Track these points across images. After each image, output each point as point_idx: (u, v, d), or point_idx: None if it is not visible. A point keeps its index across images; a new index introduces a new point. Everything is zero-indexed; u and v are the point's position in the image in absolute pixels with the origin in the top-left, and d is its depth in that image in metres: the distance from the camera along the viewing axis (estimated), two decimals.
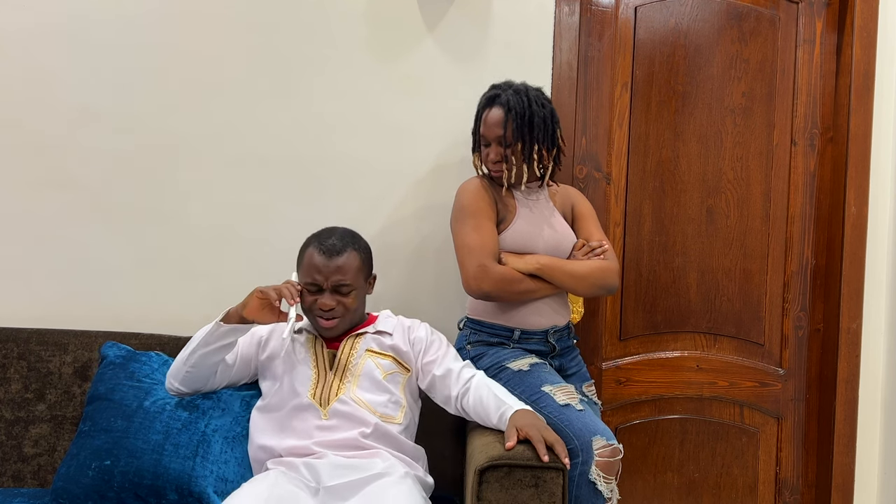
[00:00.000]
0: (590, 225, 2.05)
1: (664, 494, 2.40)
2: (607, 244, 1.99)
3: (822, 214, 2.42)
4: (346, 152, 2.23)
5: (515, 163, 1.92)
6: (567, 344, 2.03)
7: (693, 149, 2.38)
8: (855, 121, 2.33)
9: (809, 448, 2.44)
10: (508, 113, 1.89)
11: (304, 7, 2.22)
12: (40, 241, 2.17)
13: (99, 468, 1.71)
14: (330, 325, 1.82)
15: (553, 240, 1.96)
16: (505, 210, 1.95)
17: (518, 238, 1.93)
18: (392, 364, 1.85)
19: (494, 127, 1.91)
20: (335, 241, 1.82)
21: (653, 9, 2.36)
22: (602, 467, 1.69)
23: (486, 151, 1.96)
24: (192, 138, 2.20)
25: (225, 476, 1.73)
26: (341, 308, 1.81)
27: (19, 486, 1.95)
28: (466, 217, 1.90)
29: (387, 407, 1.80)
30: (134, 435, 1.74)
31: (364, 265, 1.86)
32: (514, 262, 1.89)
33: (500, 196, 1.97)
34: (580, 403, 1.78)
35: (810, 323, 2.43)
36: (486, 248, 1.86)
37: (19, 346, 2.03)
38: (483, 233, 1.88)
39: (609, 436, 1.73)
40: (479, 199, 1.92)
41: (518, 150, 1.91)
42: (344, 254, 1.80)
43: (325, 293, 1.80)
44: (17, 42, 2.16)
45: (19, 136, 2.17)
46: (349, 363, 1.83)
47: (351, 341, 1.87)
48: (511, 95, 1.91)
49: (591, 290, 1.97)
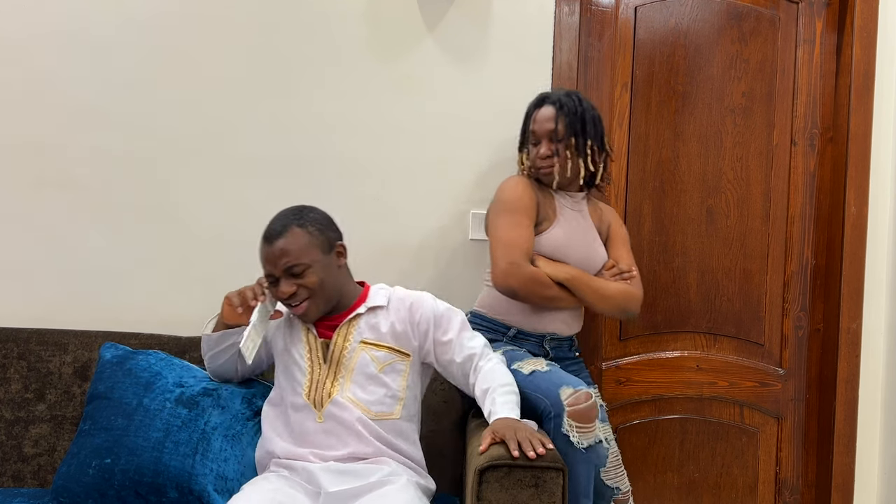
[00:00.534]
0: (622, 249, 2.08)
1: (664, 494, 2.40)
2: (636, 271, 2.02)
3: (822, 214, 2.42)
4: (346, 152, 2.23)
5: (570, 157, 1.93)
6: (565, 355, 2.03)
7: (693, 149, 2.38)
8: (855, 121, 2.33)
9: (809, 448, 2.44)
10: (560, 109, 1.93)
11: (304, 7, 2.22)
12: (40, 241, 2.17)
13: (99, 466, 1.71)
14: (300, 312, 1.73)
15: (586, 254, 1.98)
16: (545, 213, 1.96)
17: (553, 244, 1.94)
18: (388, 355, 1.77)
19: (546, 122, 1.94)
20: (275, 224, 1.72)
21: (653, 9, 2.36)
22: (575, 417, 1.68)
23: (535, 149, 1.97)
24: (191, 138, 2.20)
25: (224, 474, 1.73)
26: (304, 291, 1.71)
27: (19, 486, 1.95)
28: (506, 212, 1.91)
29: (382, 404, 1.74)
30: (134, 433, 1.74)
31: (317, 238, 1.72)
32: (546, 267, 1.90)
33: (544, 198, 1.98)
34: (547, 366, 1.80)
35: (810, 323, 2.43)
36: (520, 245, 1.87)
37: (19, 346, 2.02)
38: (520, 230, 1.88)
39: (576, 384, 1.73)
40: (522, 196, 1.92)
41: (571, 144, 1.93)
42: (284, 234, 1.69)
43: (281, 280, 1.71)
44: (17, 42, 2.16)
45: (19, 136, 2.16)
46: (343, 356, 1.75)
47: (344, 330, 1.77)
48: (562, 96, 1.96)
49: (612, 310, 2.01)
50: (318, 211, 1.78)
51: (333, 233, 1.78)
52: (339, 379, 1.75)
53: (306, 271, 1.70)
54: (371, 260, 2.22)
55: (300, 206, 1.78)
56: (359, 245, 2.23)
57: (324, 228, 1.75)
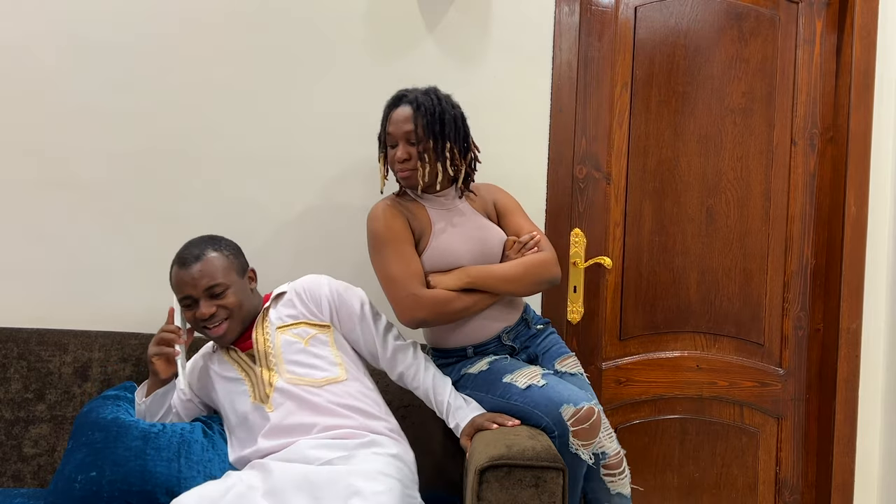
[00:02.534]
0: (517, 218, 1.95)
1: (664, 494, 2.40)
2: (539, 234, 1.89)
3: (822, 214, 2.42)
4: (345, 152, 2.23)
5: (429, 160, 1.82)
6: (528, 334, 1.94)
7: (693, 149, 2.38)
8: (855, 121, 2.33)
9: (809, 448, 2.44)
10: (417, 110, 1.81)
11: (304, 7, 2.22)
12: (40, 241, 2.17)
13: (85, 480, 1.69)
14: (220, 332, 1.79)
15: (478, 245, 1.86)
16: (420, 228, 1.86)
17: (440, 254, 1.83)
18: (307, 329, 1.82)
19: (402, 123, 1.82)
20: (191, 249, 1.80)
21: (653, 9, 2.36)
22: (580, 435, 1.66)
23: (392, 152, 1.85)
24: (192, 138, 2.20)
25: (212, 474, 1.72)
26: (223, 311, 1.78)
27: (19, 486, 1.95)
28: (384, 246, 1.81)
29: (323, 370, 1.77)
30: (114, 443, 1.72)
31: (232, 262, 1.81)
32: (443, 281, 1.80)
33: (413, 214, 1.87)
34: (542, 378, 1.74)
35: (810, 323, 2.43)
36: (411, 275, 1.78)
37: (19, 346, 2.03)
38: (405, 259, 1.79)
39: (577, 399, 1.68)
40: (392, 224, 1.82)
41: (430, 147, 1.82)
42: (202, 258, 1.77)
43: (200, 302, 1.76)
44: (17, 42, 2.16)
45: (19, 136, 2.16)
46: (267, 349, 1.80)
47: (259, 329, 1.83)
48: (419, 94, 1.85)
49: (530, 288, 1.87)
50: (227, 239, 1.88)
51: (244, 259, 1.88)
52: (274, 368, 1.78)
53: (226, 291, 1.78)
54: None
55: (210, 235, 1.87)
56: (359, 244, 2.23)
57: (237, 254, 1.85)
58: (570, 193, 2.30)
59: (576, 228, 2.32)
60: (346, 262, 2.21)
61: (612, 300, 2.39)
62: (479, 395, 1.80)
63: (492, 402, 1.78)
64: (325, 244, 2.22)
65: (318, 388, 1.75)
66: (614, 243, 2.37)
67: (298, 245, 2.18)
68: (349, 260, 2.21)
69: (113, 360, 2.03)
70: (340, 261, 2.21)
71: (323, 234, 2.23)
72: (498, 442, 1.61)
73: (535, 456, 1.54)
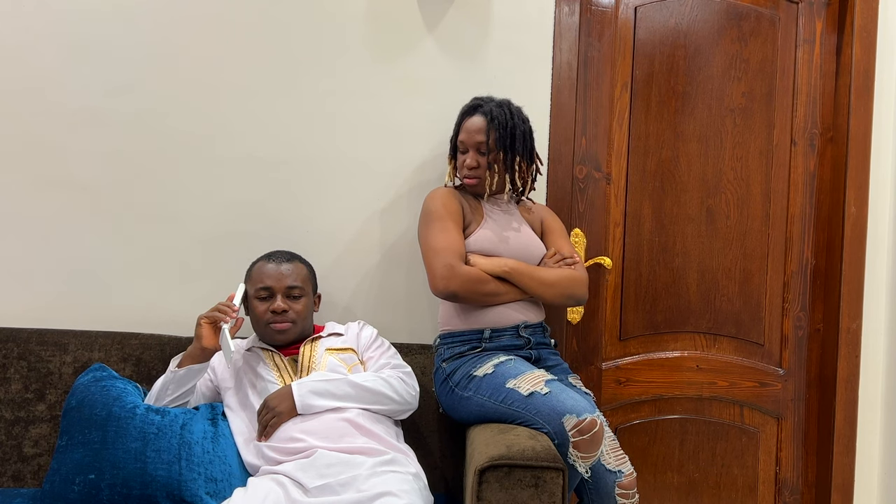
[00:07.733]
0: (560, 239, 2.05)
1: (664, 494, 2.40)
2: (578, 258, 1.99)
3: (822, 214, 2.42)
4: (346, 152, 2.23)
5: (497, 171, 1.93)
6: (542, 340, 1.99)
7: (693, 149, 2.38)
8: (855, 121, 2.33)
9: (809, 448, 2.44)
10: (491, 122, 1.92)
11: (305, 7, 2.22)
12: (40, 241, 2.17)
13: (84, 482, 1.68)
14: (283, 328, 1.88)
15: (520, 246, 1.95)
16: (472, 216, 1.95)
17: (484, 242, 1.92)
18: (353, 356, 1.92)
19: (475, 133, 1.93)
20: (282, 252, 1.97)
21: (653, 9, 2.36)
22: (580, 447, 1.66)
23: (462, 158, 1.96)
24: (192, 138, 2.20)
25: (213, 476, 1.71)
26: (292, 313, 1.89)
27: (19, 486, 1.95)
28: (435, 220, 1.90)
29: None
30: (112, 444, 1.71)
31: (311, 279, 1.98)
32: (483, 263, 1.88)
33: (469, 203, 1.97)
34: (546, 385, 1.73)
35: (810, 323, 2.43)
36: (452, 249, 1.85)
37: (19, 346, 2.03)
38: (449, 234, 1.87)
39: (580, 410, 1.66)
40: (445, 203, 1.92)
41: (500, 158, 1.92)
42: (293, 262, 1.95)
43: (278, 296, 1.89)
44: (17, 42, 2.16)
45: (19, 136, 2.16)
46: (312, 363, 1.87)
47: (309, 345, 1.92)
48: (494, 107, 1.94)
49: (558, 298, 1.94)
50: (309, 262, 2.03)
51: (316, 283, 2.02)
52: None
53: (301, 297, 1.92)
54: (371, 260, 2.22)
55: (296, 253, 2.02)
56: (358, 244, 2.23)
57: (314, 275, 2.01)
58: (570, 193, 2.30)
59: (576, 228, 2.32)
60: (346, 262, 2.21)
61: (612, 300, 2.39)
62: (482, 399, 1.80)
63: (494, 407, 1.78)
64: (326, 244, 2.22)
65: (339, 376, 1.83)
66: (614, 243, 2.37)
67: (299, 244, 2.18)
68: (349, 260, 2.22)
69: (113, 360, 2.03)
70: (341, 260, 2.21)
71: (323, 234, 2.23)
72: (498, 442, 1.61)
73: (534, 456, 1.54)
